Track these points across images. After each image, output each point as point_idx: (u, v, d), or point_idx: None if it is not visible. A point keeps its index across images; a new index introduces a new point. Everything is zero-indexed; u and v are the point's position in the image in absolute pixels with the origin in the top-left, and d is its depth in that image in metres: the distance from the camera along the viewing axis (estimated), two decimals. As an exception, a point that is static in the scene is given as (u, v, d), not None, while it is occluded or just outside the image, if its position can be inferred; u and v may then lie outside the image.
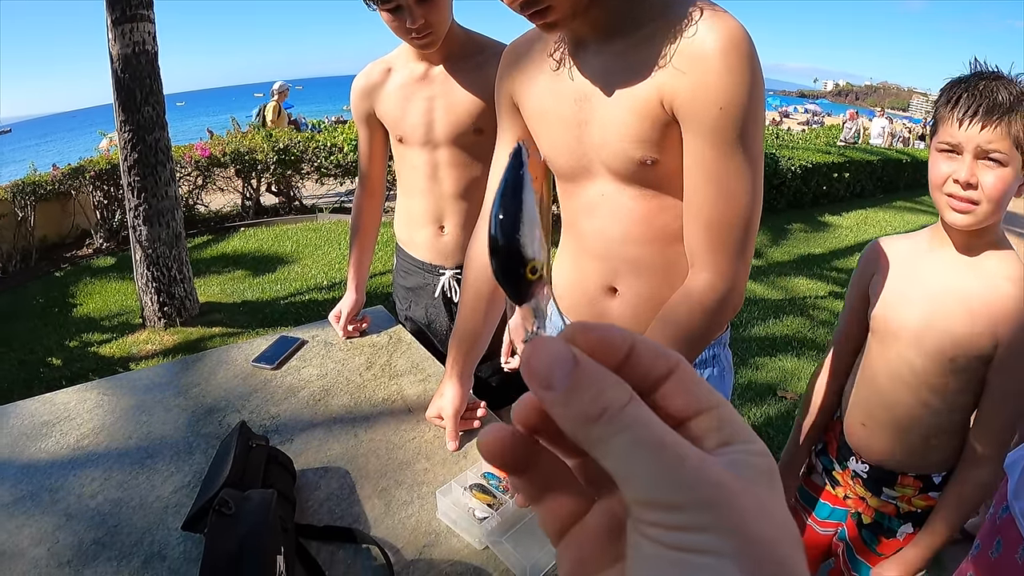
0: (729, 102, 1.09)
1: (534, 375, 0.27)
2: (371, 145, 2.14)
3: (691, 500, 0.24)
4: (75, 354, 5.06)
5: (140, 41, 4.82)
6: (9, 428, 1.67)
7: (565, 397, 0.27)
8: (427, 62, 1.94)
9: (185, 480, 1.47)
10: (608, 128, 1.23)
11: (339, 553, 1.27)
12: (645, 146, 1.20)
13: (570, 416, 0.27)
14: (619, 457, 0.25)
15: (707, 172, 1.15)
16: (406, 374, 1.91)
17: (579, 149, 1.31)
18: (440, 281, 2.16)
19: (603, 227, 1.36)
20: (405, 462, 1.53)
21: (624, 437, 0.25)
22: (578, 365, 0.27)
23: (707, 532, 0.23)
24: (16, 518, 1.37)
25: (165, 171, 5.11)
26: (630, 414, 0.26)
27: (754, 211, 1.18)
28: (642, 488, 0.25)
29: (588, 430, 0.26)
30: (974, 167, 1.31)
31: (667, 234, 1.30)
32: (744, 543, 0.23)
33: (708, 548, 0.23)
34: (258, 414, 1.71)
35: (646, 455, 0.25)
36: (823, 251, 7.68)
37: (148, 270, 5.23)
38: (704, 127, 1.12)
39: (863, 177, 10.99)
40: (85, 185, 7.98)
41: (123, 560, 1.26)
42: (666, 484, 0.24)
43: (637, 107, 1.17)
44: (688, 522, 0.24)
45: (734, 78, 1.08)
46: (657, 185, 1.26)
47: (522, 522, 1.31)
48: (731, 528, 0.23)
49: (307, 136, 8.95)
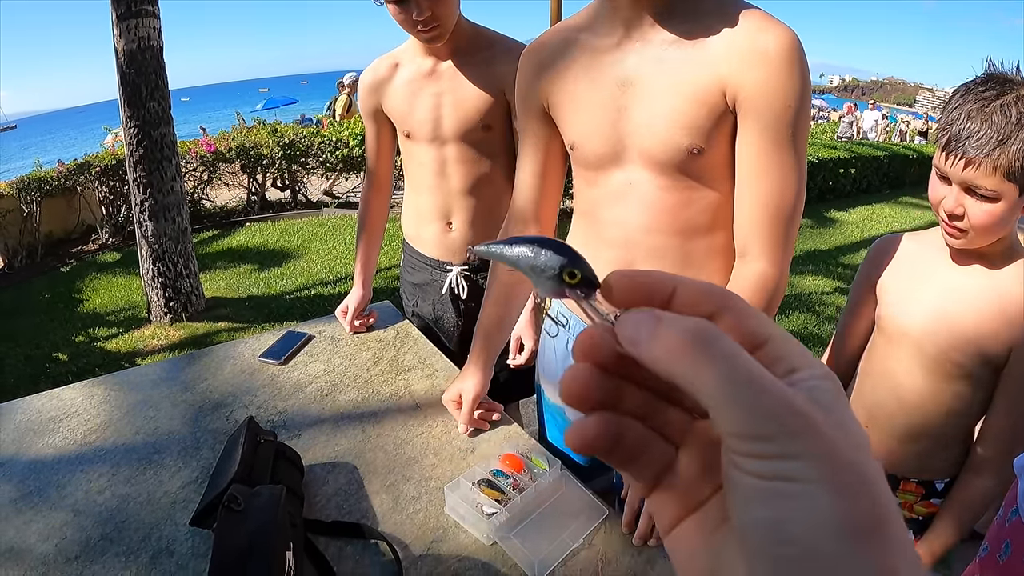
0: (793, 100, 1.15)
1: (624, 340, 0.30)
2: (378, 140, 2.13)
3: (780, 431, 0.25)
4: (81, 349, 5.07)
5: (145, 36, 4.82)
6: (16, 424, 1.67)
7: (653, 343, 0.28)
8: (435, 57, 1.93)
9: (193, 476, 1.47)
10: (656, 113, 1.24)
11: (347, 548, 1.27)
12: (694, 134, 1.22)
13: (662, 356, 0.28)
14: (711, 390, 0.26)
15: (765, 165, 1.20)
16: (414, 369, 1.90)
17: (613, 135, 1.31)
18: (448, 277, 2.15)
19: (626, 216, 1.36)
20: (413, 457, 1.52)
21: (719, 364, 0.26)
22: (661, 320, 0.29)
23: (797, 460, 0.25)
24: (23, 514, 1.37)
25: (171, 166, 5.12)
26: (720, 343, 0.27)
27: (800, 201, 1.24)
28: (734, 421, 0.26)
29: (679, 367, 0.27)
30: (960, 198, 1.29)
31: (691, 227, 1.32)
32: (831, 469, 0.25)
33: (799, 476, 0.24)
34: (265, 409, 1.71)
35: (735, 389, 0.26)
36: (829, 247, 7.66)
37: (154, 265, 5.24)
38: (768, 122, 1.17)
39: (869, 173, 10.96)
40: (91, 181, 8.00)
41: (130, 556, 1.26)
42: (756, 416, 0.25)
43: (695, 94, 1.20)
44: (778, 451, 0.25)
45: (795, 78, 1.15)
46: (695, 175, 1.27)
47: (530, 518, 1.31)
48: (818, 455, 0.25)
49: (312, 131, 8.94)
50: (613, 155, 1.34)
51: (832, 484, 0.24)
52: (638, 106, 1.26)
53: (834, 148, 10.85)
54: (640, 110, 1.26)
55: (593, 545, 1.27)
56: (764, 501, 0.25)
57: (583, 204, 1.47)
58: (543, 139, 1.50)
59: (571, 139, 1.40)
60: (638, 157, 1.30)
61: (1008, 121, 1.20)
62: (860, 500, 0.25)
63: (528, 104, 1.48)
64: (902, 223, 9.04)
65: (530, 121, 1.50)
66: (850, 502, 0.24)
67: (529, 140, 1.52)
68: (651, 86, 1.24)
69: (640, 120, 1.27)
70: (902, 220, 9.23)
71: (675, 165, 1.26)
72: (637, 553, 1.25)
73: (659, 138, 1.25)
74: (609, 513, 1.34)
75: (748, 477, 0.26)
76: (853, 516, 0.24)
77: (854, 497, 0.24)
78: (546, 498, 1.35)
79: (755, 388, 0.26)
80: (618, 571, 1.22)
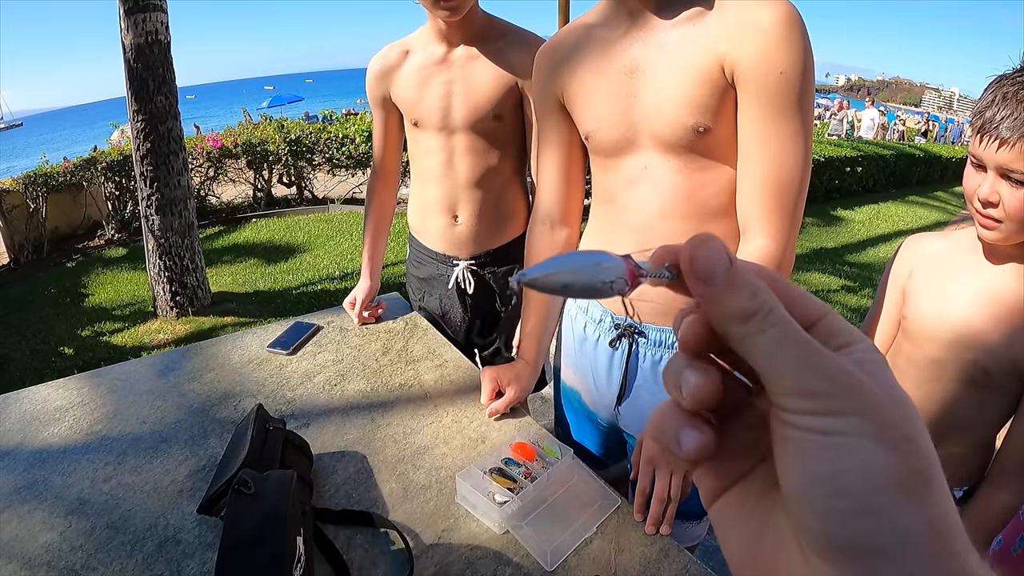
0: (789, 68, 1.15)
1: (697, 269, 0.30)
2: (386, 129, 2.11)
3: (835, 388, 0.26)
4: (87, 343, 5.08)
5: (153, 31, 4.83)
6: (22, 414, 1.66)
7: (723, 293, 0.29)
8: (447, 45, 1.90)
9: (200, 464, 1.46)
10: (663, 96, 1.25)
11: (357, 537, 1.26)
12: (699, 112, 1.23)
13: (727, 312, 0.29)
14: (770, 351, 0.28)
15: (764, 135, 1.20)
16: (423, 359, 1.89)
17: (625, 121, 1.33)
18: (454, 272, 2.13)
19: (642, 200, 1.37)
20: (423, 447, 1.51)
21: (775, 332, 0.28)
22: (733, 265, 0.30)
23: (849, 416, 0.26)
24: (28, 503, 1.36)
25: (178, 160, 5.13)
26: (779, 314, 0.28)
27: (805, 175, 1.23)
28: (791, 378, 0.27)
29: (742, 326, 0.29)
30: (996, 185, 1.25)
31: (706, 210, 1.33)
32: (881, 426, 0.26)
33: (851, 431, 0.26)
34: (273, 399, 1.70)
35: (795, 349, 0.27)
36: (835, 245, 7.67)
37: (160, 259, 5.25)
38: (764, 91, 1.17)
39: (875, 171, 10.97)
40: (97, 176, 8.03)
41: (136, 544, 1.24)
42: (812, 373, 0.27)
43: (695, 73, 1.21)
44: (833, 408, 0.26)
45: (793, 46, 1.14)
46: (705, 155, 1.28)
47: (543, 506, 1.29)
48: (869, 412, 0.26)
49: (319, 127, 8.96)
50: (626, 141, 1.35)
51: (882, 440, 0.26)
52: (645, 91, 1.28)
53: (840, 146, 10.86)
54: (647, 94, 1.28)
55: (606, 534, 1.26)
56: (820, 457, 0.26)
57: (601, 192, 1.48)
58: (564, 134, 1.52)
59: (586, 129, 1.41)
60: (650, 141, 1.32)
61: None
62: (909, 456, 0.26)
63: (546, 101, 1.50)
64: (908, 222, 9.03)
65: (549, 118, 1.52)
66: (900, 458, 0.26)
67: (550, 137, 1.54)
68: (656, 70, 1.26)
69: (648, 104, 1.28)
70: (908, 219, 9.23)
71: (684, 145, 1.27)
72: (651, 543, 1.24)
73: (666, 119, 1.26)
74: (622, 502, 1.32)
75: (803, 433, 0.27)
76: (902, 471, 0.25)
77: (903, 453, 0.26)
78: (558, 487, 1.34)
79: (811, 349, 0.27)
80: (631, 560, 1.20)
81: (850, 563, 0.26)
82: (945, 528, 0.26)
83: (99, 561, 1.21)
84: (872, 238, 8.07)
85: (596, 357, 1.56)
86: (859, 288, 6.12)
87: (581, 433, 1.71)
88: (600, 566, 1.19)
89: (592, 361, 1.58)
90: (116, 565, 1.20)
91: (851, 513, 0.25)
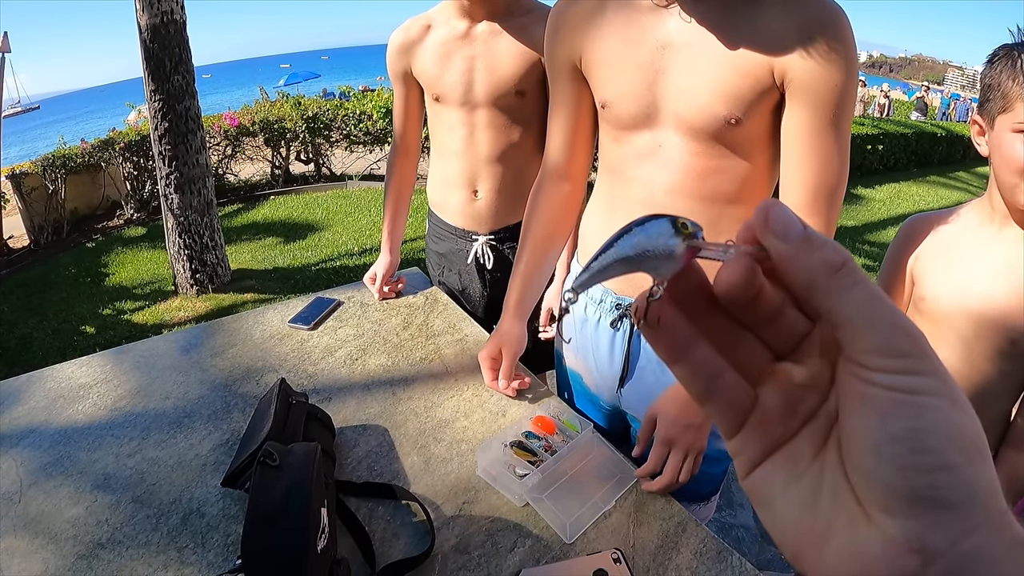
0: (845, 80, 1.15)
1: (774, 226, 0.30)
2: (406, 104, 2.11)
3: (915, 348, 0.27)
4: (108, 322, 5.13)
5: (168, 11, 4.83)
6: (46, 392, 1.68)
7: (804, 248, 0.29)
8: (469, 19, 1.89)
9: (223, 438, 1.48)
10: (697, 79, 1.22)
11: (379, 509, 1.27)
12: (735, 104, 1.20)
13: (812, 264, 0.29)
14: (858, 305, 0.28)
15: (813, 142, 1.20)
16: (443, 334, 1.90)
17: (648, 96, 1.29)
18: (473, 247, 2.14)
19: (652, 175, 1.34)
20: (444, 420, 1.52)
21: (863, 288, 0.28)
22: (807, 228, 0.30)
23: (928, 376, 0.27)
24: (54, 478, 1.38)
25: (196, 139, 5.14)
26: (861, 271, 0.29)
27: (843, 178, 1.24)
28: (880, 335, 0.28)
29: (831, 279, 0.29)
30: None
31: (716, 194, 1.31)
32: (950, 387, 0.27)
33: (929, 390, 0.27)
34: (295, 374, 1.71)
35: (884, 307, 0.28)
36: (856, 224, 7.61)
37: (180, 237, 5.28)
38: (819, 100, 1.16)
39: (897, 150, 10.85)
40: (115, 157, 8.07)
41: (161, 518, 1.26)
42: (897, 333, 0.28)
43: (741, 64, 1.18)
44: (916, 367, 0.27)
45: (848, 56, 1.14)
46: (729, 145, 1.26)
47: (563, 479, 1.30)
48: (940, 375, 0.27)
49: (336, 104, 8.95)
50: (645, 116, 1.31)
51: (955, 400, 0.27)
52: (677, 70, 1.24)
53: (862, 124, 10.74)
54: (679, 74, 1.24)
55: (625, 508, 1.26)
56: (902, 414, 0.27)
57: (609, 161, 1.45)
58: (574, 97, 1.47)
59: (604, 98, 1.37)
60: (672, 121, 1.28)
61: None
62: (974, 419, 0.27)
63: (559, 63, 1.45)
64: (929, 202, 8.95)
65: (561, 80, 1.47)
66: (969, 419, 0.27)
67: (560, 99, 1.50)
68: (694, 51, 1.22)
69: (679, 84, 1.24)
70: (929, 199, 9.14)
71: (710, 133, 1.25)
72: (669, 517, 1.24)
73: (697, 104, 1.23)
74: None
75: (886, 392, 0.27)
76: (972, 432, 0.27)
77: (971, 416, 0.27)
78: (578, 460, 1.35)
79: (895, 310, 0.28)
80: (649, 534, 1.21)
81: (920, 516, 0.27)
82: (998, 489, 0.27)
83: (124, 535, 1.23)
84: (892, 217, 8.00)
85: (597, 339, 1.55)
86: (879, 267, 6.05)
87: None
88: (618, 539, 1.20)
89: (593, 343, 1.56)
90: (141, 538, 1.22)
91: (931, 469, 0.26)
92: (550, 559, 1.16)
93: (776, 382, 0.34)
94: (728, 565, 1.14)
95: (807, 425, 0.33)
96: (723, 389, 0.34)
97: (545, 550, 1.18)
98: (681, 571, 1.14)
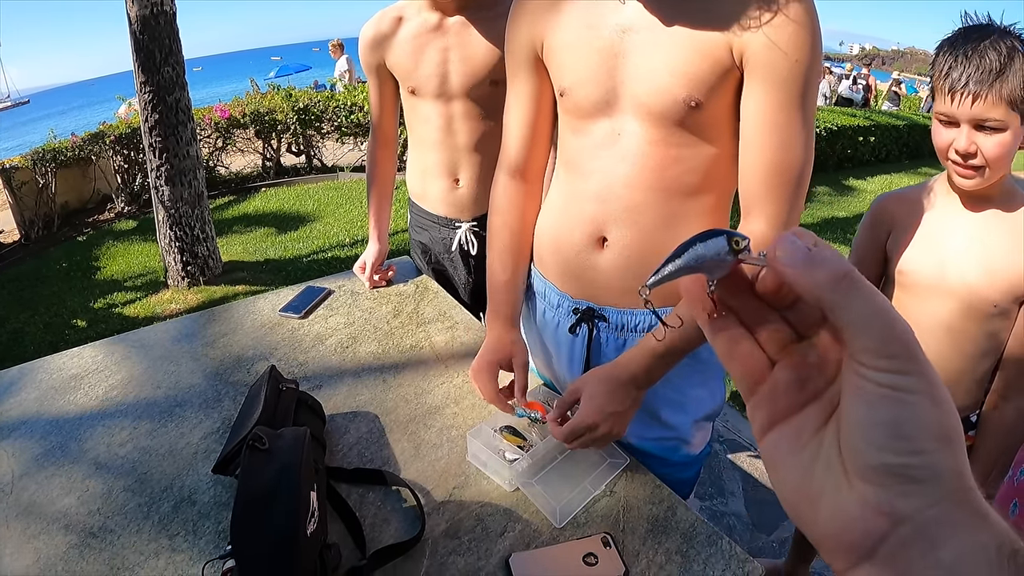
0: (803, 56, 1.12)
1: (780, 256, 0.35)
2: (381, 96, 2.11)
3: (904, 351, 0.32)
4: (100, 315, 5.11)
5: (158, 2, 4.80)
6: (38, 383, 1.68)
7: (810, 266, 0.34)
8: (441, 12, 1.89)
9: (214, 427, 1.48)
10: (656, 61, 1.19)
11: (369, 495, 1.28)
12: (694, 85, 1.17)
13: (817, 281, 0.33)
14: (858, 313, 0.32)
15: (771, 122, 1.16)
16: (434, 321, 1.91)
17: (608, 82, 1.25)
18: (456, 235, 2.14)
19: (609, 166, 1.30)
20: (434, 407, 1.52)
21: (862, 296, 0.32)
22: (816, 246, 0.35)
23: (912, 376, 0.31)
24: (46, 469, 1.39)
25: (186, 131, 5.12)
26: (863, 280, 0.33)
27: (808, 162, 1.20)
28: (872, 340, 0.32)
29: (832, 293, 0.33)
30: (972, 136, 1.36)
31: (676, 186, 1.27)
32: (932, 386, 0.32)
33: (912, 388, 0.31)
34: (286, 362, 1.72)
35: (879, 313, 0.32)
36: (847, 215, 7.61)
37: (171, 230, 5.26)
38: (776, 77, 1.13)
39: (888, 142, 10.84)
40: (105, 150, 8.01)
41: (152, 506, 1.27)
42: (891, 338, 0.32)
43: (700, 45, 1.15)
44: (903, 368, 0.32)
45: (808, 34, 1.11)
46: (690, 130, 1.23)
47: (552, 464, 1.31)
48: (925, 374, 0.32)
49: (327, 95, 8.91)
50: (605, 103, 1.28)
51: (934, 398, 0.31)
52: (637, 52, 1.21)
53: (853, 116, 10.73)
54: (639, 56, 1.21)
55: (614, 493, 1.28)
56: (887, 406, 0.32)
57: (566, 153, 1.41)
58: (534, 89, 1.43)
59: (563, 84, 1.32)
60: (631, 107, 1.25)
61: (1000, 55, 1.30)
62: (949, 414, 0.32)
63: (520, 51, 1.41)
64: (921, 191, 8.96)
65: (521, 71, 1.43)
66: (944, 414, 0.32)
67: (519, 88, 1.45)
68: (653, 33, 1.19)
69: (638, 67, 1.21)
70: (921, 188, 9.15)
71: (670, 118, 1.21)
72: (658, 501, 1.25)
73: (656, 87, 1.20)
74: (630, 461, 1.34)
75: (876, 387, 0.32)
76: (945, 425, 0.31)
77: (946, 411, 0.32)
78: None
79: (890, 317, 0.32)
80: (639, 518, 1.22)
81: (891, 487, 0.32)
82: (964, 471, 0.32)
83: (116, 523, 1.23)
84: (884, 207, 8.01)
85: (557, 344, 1.51)
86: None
87: None
88: (608, 524, 1.21)
89: (555, 348, 1.53)
90: (133, 527, 1.23)
91: (904, 452, 0.31)
92: (540, 543, 1.17)
93: (791, 359, 0.40)
94: (718, 549, 1.16)
95: (813, 403, 0.38)
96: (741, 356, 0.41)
97: (535, 534, 1.19)
98: (671, 555, 1.15)
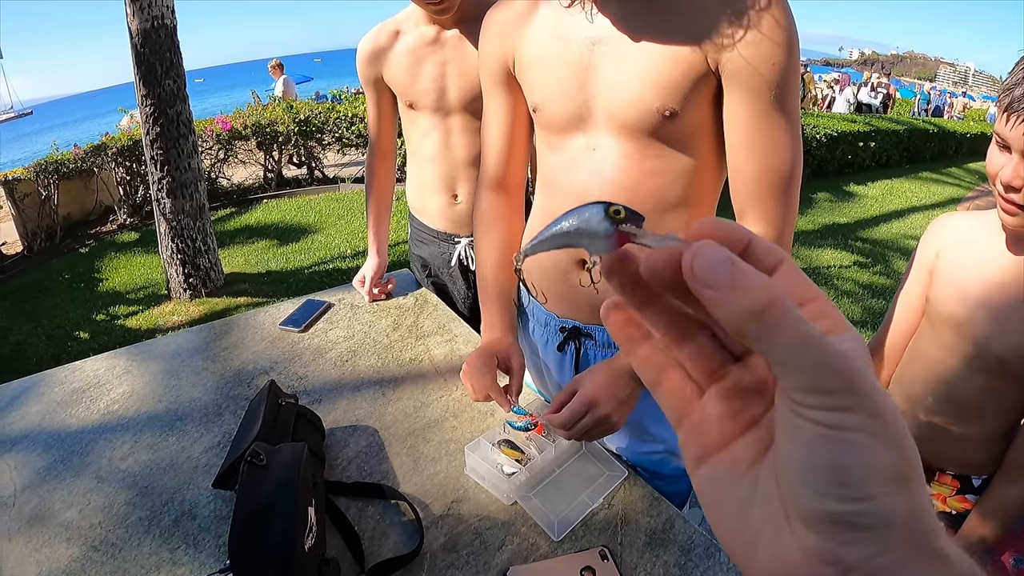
0: (781, 59, 1.09)
1: (698, 277, 0.30)
2: (379, 110, 2.12)
3: (842, 386, 0.28)
4: (102, 327, 5.12)
5: (159, 15, 4.82)
6: (39, 396, 1.69)
7: (730, 295, 0.29)
8: (439, 25, 1.90)
9: (215, 441, 1.49)
10: (628, 71, 1.16)
11: (368, 509, 1.28)
12: (668, 94, 1.14)
13: (736, 312, 0.29)
14: (784, 348, 0.28)
15: (758, 129, 1.14)
16: (433, 335, 1.91)
17: (580, 96, 1.23)
18: (456, 250, 2.15)
19: (586, 182, 1.28)
20: (433, 420, 1.53)
21: (790, 329, 0.28)
22: (735, 265, 0.30)
23: (855, 413, 0.28)
24: (48, 483, 1.39)
25: (188, 143, 5.13)
26: (790, 310, 0.29)
27: (797, 164, 1.17)
28: (803, 376, 0.28)
29: (753, 325, 0.29)
30: (1020, 169, 1.15)
31: (656, 200, 1.25)
32: (883, 423, 0.28)
33: (855, 426, 0.28)
34: (286, 376, 1.72)
35: (807, 347, 0.28)
36: (848, 221, 7.61)
37: (173, 242, 5.27)
38: (758, 81, 1.10)
39: (889, 147, 10.84)
40: (107, 162, 8.03)
41: (153, 520, 1.28)
42: (825, 374, 0.28)
43: (672, 52, 1.12)
44: (840, 404, 0.28)
45: (786, 36, 1.08)
46: (666, 141, 1.20)
47: (550, 477, 1.31)
48: (871, 410, 0.28)
49: (328, 107, 8.94)
50: (577, 117, 1.26)
51: (884, 436, 0.28)
52: (607, 64, 1.19)
53: (853, 121, 10.74)
54: (609, 68, 1.19)
55: (612, 506, 1.28)
56: (827, 448, 0.28)
57: (544, 170, 1.40)
58: (509, 105, 1.42)
59: (535, 100, 1.31)
60: (604, 120, 1.23)
61: None
62: (903, 453, 0.28)
63: (493, 68, 1.40)
64: (921, 198, 8.96)
65: (495, 88, 1.42)
66: (896, 454, 0.28)
67: (494, 104, 1.45)
68: (623, 43, 1.17)
69: (609, 78, 1.19)
70: (921, 195, 9.15)
71: (644, 129, 1.19)
72: (656, 514, 1.25)
73: (628, 98, 1.17)
74: (628, 474, 1.34)
75: (812, 426, 0.28)
76: (897, 466, 0.28)
77: (899, 450, 0.28)
78: (566, 459, 1.36)
79: (824, 350, 0.28)
80: (637, 531, 1.22)
81: (835, 535, 0.28)
82: (921, 512, 0.28)
83: (117, 537, 1.24)
84: (885, 214, 7.99)
85: (547, 361, 1.53)
86: (871, 264, 6.08)
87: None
88: (606, 537, 1.21)
89: (545, 365, 1.54)
90: (134, 540, 1.23)
91: (848, 499, 0.28)
92: (538, 557, 1.17)
93: (723, 384, 0.36)
94: (716, 561, 1.16)
95: (750, 431, 0.34)
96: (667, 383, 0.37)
97: (533, 548, 1.19)
98: (669, 568, 1.15)
